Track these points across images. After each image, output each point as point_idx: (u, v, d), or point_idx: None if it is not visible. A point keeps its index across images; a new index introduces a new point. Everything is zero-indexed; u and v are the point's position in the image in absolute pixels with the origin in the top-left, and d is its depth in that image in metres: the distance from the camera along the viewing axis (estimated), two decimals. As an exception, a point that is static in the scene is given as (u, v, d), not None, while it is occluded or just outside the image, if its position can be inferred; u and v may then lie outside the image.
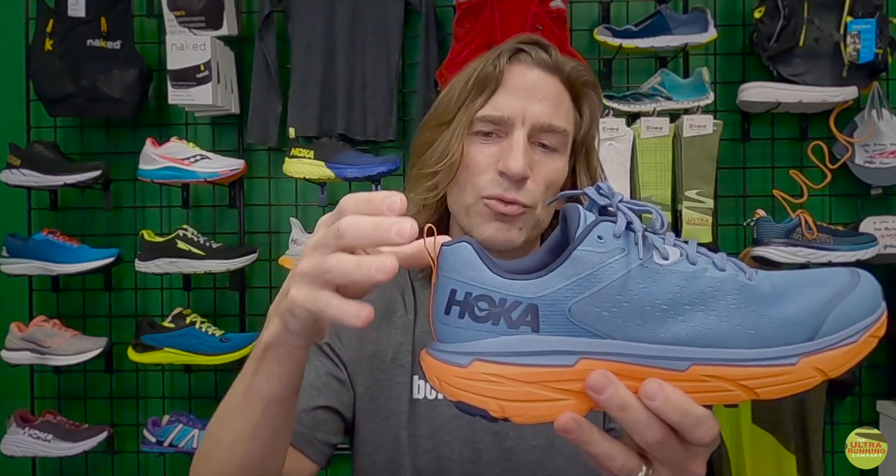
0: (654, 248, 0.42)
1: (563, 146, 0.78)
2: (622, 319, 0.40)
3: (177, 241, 1.83)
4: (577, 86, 0.80)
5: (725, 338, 0.40)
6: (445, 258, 0.42)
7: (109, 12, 1.92)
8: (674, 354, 0.40)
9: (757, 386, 0.40)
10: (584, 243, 0.41)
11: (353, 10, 1.91)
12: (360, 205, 0.45)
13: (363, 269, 0.42)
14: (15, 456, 1.83)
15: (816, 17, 1.81)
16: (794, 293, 0.42)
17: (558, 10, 1.84)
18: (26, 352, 1.83)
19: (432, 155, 0.79)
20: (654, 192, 1.74)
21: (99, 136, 2.05)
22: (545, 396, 0.40)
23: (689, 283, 0.41)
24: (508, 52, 0.78)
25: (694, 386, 0.40)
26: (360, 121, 1.91)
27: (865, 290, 0.43)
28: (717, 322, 0.40)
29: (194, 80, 1.82)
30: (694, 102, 1.77)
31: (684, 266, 0.41)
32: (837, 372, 0.41)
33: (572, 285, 0.40)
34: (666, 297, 0.40)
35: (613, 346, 0.40)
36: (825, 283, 0.43)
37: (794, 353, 0.40)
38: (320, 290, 0.44)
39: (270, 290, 2.01)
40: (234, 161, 1.87)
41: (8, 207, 2.01)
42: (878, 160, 1.85)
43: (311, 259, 0.46)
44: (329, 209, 1.94)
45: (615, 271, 0.40)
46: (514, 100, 0.76)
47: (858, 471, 1.83)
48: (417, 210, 0.82)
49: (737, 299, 0.41)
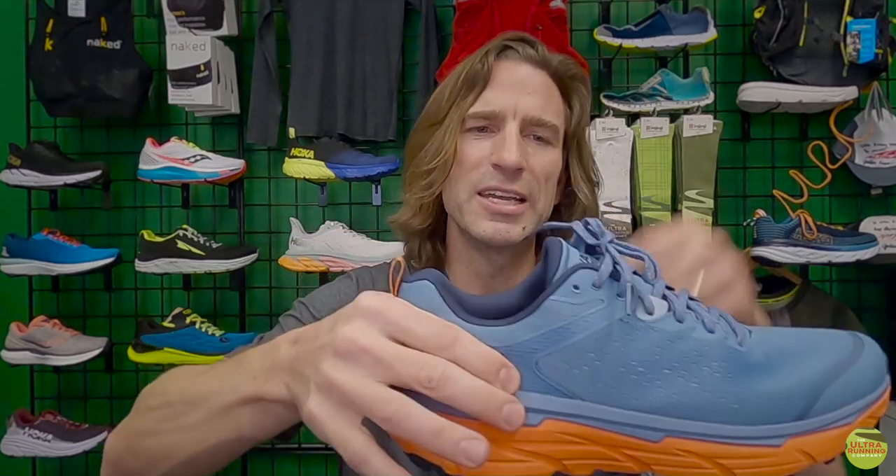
0: (639, 301, 0.37)
1: (555, 139, 0.79)
2: (593, 380, 0.36)
3: (177, 241, 1.83)
4: (565, 79, 0.81)
5: (706, 410, 0.36)
6: (406, 297, 0.37)
7: (109, 12, 1.92)
8: (647, 423, 0.36)
9: (735, 466, 0.36)
10: (558, 292, 0.36)
11: (353, 10, 1.91)
12: (468, 354, 0.34)
13: (445, 444, 0.32)
14: (15, 456, 1.82)
15: (816, 17, 1.81)
16: (787, 364, 0.37)
17: (558, 10, 1.84)
18: (26, 352, 1.83)
19: (426, 154, 0.79)
20: (654, 192, 1.74)
21: (99, 136, 2.05)
22: (505, 457, 0.35)
23: (672, 345, 0.36)
24: (496, 49, 0.79)
25: (667, 459, 0.36)
26: (360, 121, 1.91)
27: (869, 363, 0.38)
28: (698, 391, 0.36)
29: (194, 80, 1.81)
30: (694, 102, 1.77)
31: (669, 324, 0.37)
32: (827, 456, 0.37)
33: (541, 337, 0.35)
34: (643, 358, 0.36)
35: (582, 407, 0.36)
36: (824, 353, 0.38)
37: (781, 434, 0.36)
38: (358, 431, 0.35)
39: (270, 290, 2.01)
40: (234, 161, 1.87)
41: (8, 207, 2.01)
42: (878, 160, 1.85)
43: (359, 376, 0.34)
44: (329, 209, 1.97)
45: (590, 326, 0.36)
46: (505, 94, 0.77)
47: (858, 471, 1.83)
48: (414, 211, 0.82)
49: (723, 367, 0.36)
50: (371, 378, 0.34)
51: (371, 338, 0.34)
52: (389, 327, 0.34)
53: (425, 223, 0.83)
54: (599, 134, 1.75)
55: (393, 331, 0.34)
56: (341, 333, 0.35)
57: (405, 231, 0.85)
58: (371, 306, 0.35)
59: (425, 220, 0.83)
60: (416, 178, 0.81)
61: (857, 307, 1.87)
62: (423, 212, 0.82)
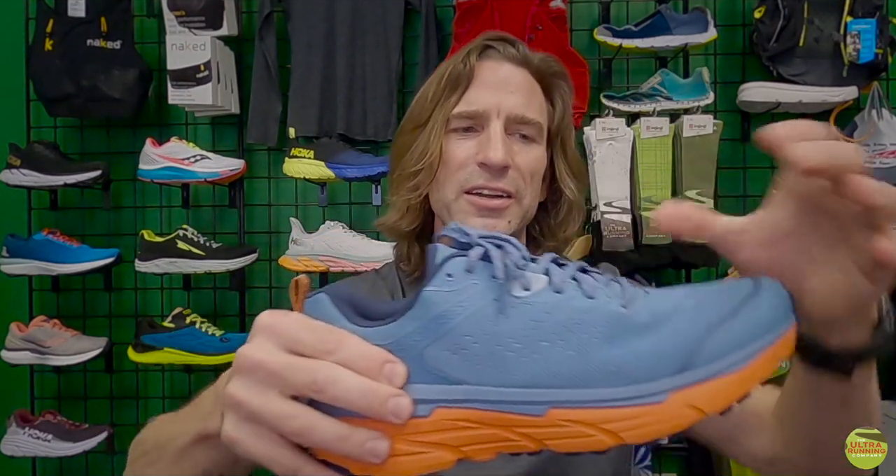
0: (514, 279, 0.37)
1: (539, 136, 0.80)
2: (474, 362, 0.35)
3: (177, 241, 1.83)
4: (546, 77, 0.81)
5: (585, 377, 0.35)
6: (307, 312, 0.38)
7: (109, 12, 1.92)
8: (529, 398, 0.35)
9: (620, 429, 0.34)
10: (433, 282, 0.36)
11: (353, 10, 1.91)
12: (352, 354, 0.35)
13: (352, 448, 0.34)
14: (15, 456, 1.83)
15: (816, 17, 1.81)
16: (672, 320, 0.36)
17: (558, 10, 1.84)
18: (26, 352, 1.83)
19: (412, 156, 0.80)
20: (654, 192, 1.74)
21: (99, 136, 2.05)
22: (405, 451, 0.35)
23: (549, 317, 0.36)
24: (477, 49, 0.80)
25: (555, 432, 0.35)
26: (360, 121, 1.91)
27: (764, 305, 0.36)
28: (576, 359, 0.35)
29: (194, 80, 1.82)
30: (694, 102, 1.77)
31: (546, 296, 0.36)
32: (716, 408, 0.35)
33: (422, 328, 0.36)
34: (521, 333, 0.36)
35: (469, 392, 0.35)
36: (715, 303, 0.36)
37: (661, 390, 0.34)
38: (278, 445, 0.35)
39: (270, 290, 2.01)
40: (234, 161, 1.87)
41: (8, 207, 2.01)
42: (878, 160, 1.85)
43: (257, 391, 0.35)
44: (329, 209, 1.97)
45: (465, 310, 0.36)
46: (488, 93, 0.77)
47: (858, 471, 1.83)
48: (401, 214, 0.82)
49: (602, 332, 0.35)
50: (271, 391, 0.35)
51: (265, 352, 0.35)
52: (282, 340, 0.35)
53: (412, 225, 0.83)
54: (599, 134, 1.75)
55: (285, 343, 0.35)
56: (240, 353, 0.36)
57: (393, 234, 0.85)
58: (265, 323, 0.36)
59: (412, 221, 0.83)
60: (403, 181, 0.81)
61: (857, 307, 1.86)
62: (410, 213, 0.82)
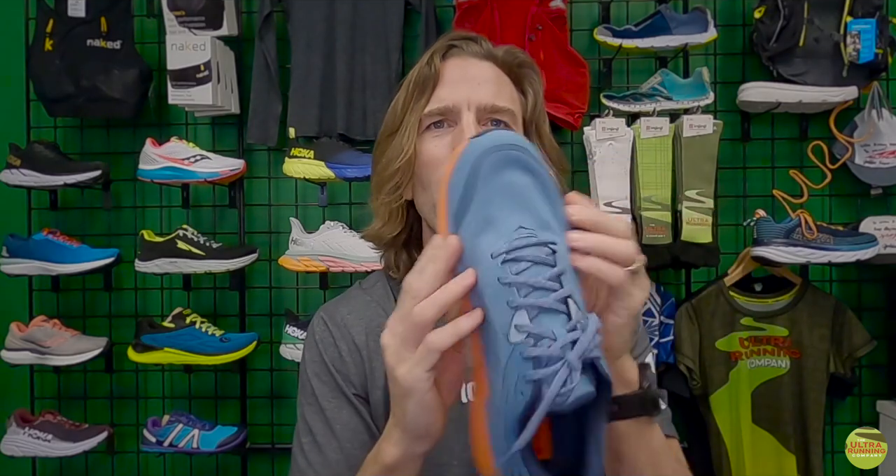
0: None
1: (514, 124, 0.80)
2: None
3: (177, 241, 1.83)
4: (513, 68, 0.82)
5: None
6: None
7: (109, 12, 1.92)
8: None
9: None
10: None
11: (353, 10, 1.91)
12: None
13: (444, 287, 0.50)
14: (15, 456, 1.83)
15: (816, 17, 1.81)
16: None
17: (558, 10, 1.84)
18: (26, 352, 1.83)
19: (389, 160, 0.80)
20: (654, 192, 1.74)
21: (99, 136, 2.05)
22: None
23: None
24: (441, 50, 0.80)
25: None
26: (360, 121, 1.91)
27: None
28: None
29: (194, 80, 1.81)
30: (694, 102, 1.77)
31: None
32: None
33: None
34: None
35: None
36: None
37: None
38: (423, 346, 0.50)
39: (270, 290, 2.01)
40: (234, 161, 1.87)
41: (8, 207, 2.01)
42: (878, 160, 1.85)
43: (399, 336, 0.52)
44: (329, 209, 1.96)
45: None
46: (456, 89, 0.78)
47: (858, 471, 1.83)
48: (384, 220, 0.82)
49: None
50: (401, 330, 0.52)
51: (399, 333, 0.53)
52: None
53: (396, 231, 0.83)
54: (599, 134, 1.75)
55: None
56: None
57: (378, 242, 0.85)
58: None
59: (396, 227, 0.82)
60: (383, 184, 0.81)
61: (857, 307, 1.87)
62: (392, 219, 0.82)
